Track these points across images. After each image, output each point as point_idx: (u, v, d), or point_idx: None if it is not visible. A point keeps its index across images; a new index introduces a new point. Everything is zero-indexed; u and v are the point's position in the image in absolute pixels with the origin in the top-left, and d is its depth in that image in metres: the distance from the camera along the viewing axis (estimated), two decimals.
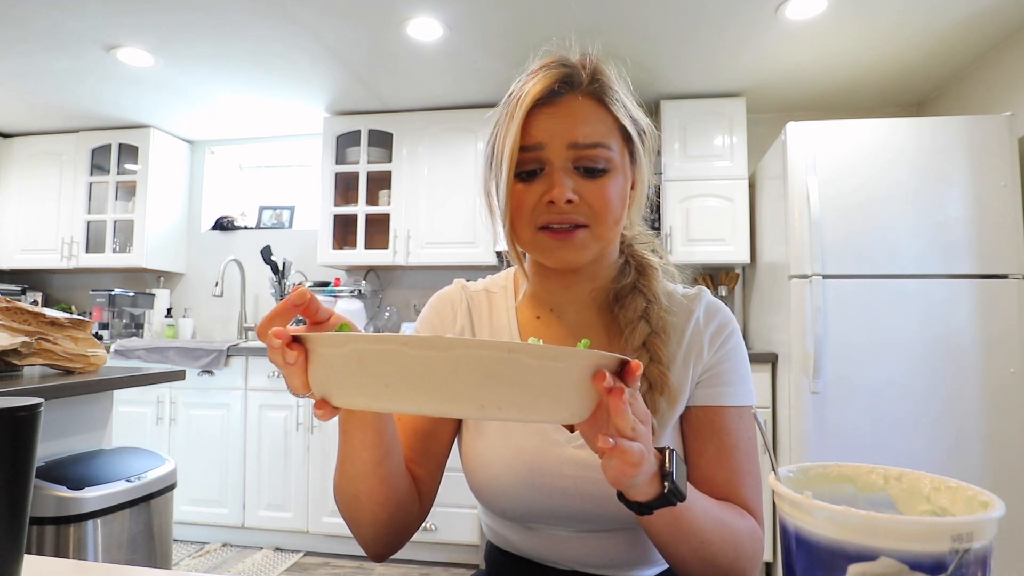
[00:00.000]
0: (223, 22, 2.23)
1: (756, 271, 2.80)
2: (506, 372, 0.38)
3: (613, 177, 0.66)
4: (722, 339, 0.72)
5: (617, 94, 0.68)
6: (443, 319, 0.79)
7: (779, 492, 0.36)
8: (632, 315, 0.71)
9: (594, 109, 0.67)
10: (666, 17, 2.17)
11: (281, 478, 2.67)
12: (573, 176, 0.66)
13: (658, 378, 0.67)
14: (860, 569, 0.30)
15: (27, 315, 1.42)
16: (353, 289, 3.08)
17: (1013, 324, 2.04)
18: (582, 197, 0.65)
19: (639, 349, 0.69)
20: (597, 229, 0.66)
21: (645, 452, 0.46)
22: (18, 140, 3.45)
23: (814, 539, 0.31)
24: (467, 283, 0.83)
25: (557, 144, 0.65)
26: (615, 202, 0.66)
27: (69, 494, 1.28)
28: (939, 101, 2.77)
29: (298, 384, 0.44)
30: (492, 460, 0.71)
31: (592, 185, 0.66)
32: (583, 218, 0.66)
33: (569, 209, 0.65)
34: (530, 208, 0.67)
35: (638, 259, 0.75)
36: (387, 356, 0.39)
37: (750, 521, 0.66)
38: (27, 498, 0.49)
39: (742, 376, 0.72)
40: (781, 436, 2.31)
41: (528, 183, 0.67)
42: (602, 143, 0.66)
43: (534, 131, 0.66)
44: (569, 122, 0.66)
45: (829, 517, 0.31)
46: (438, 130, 3.02)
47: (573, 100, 0.67)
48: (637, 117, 0.70)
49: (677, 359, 0.71)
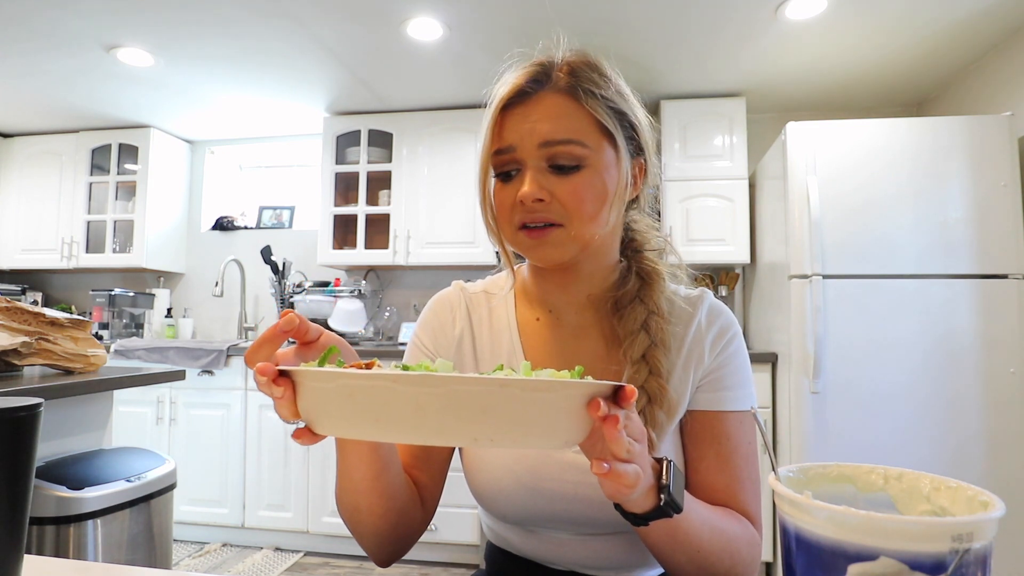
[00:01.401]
0: (223, 22, 2.23)
1: (756, 271, 2.80)
2: (499, 406, 0.38)
3: (588, 174, 0.65)
4: (723, 343, 0.71)
5: (595, 89, 0.66)
6: (442, 322, 0.78)
7: (779, 492, 0.36)
8: (632, 326, 0.69)
9: (565, 105, 0.65)
10: (666, 17, 2.17)
11: (281, 478, 2.67)
12: (546, 174, 0.65)
13: (657, 391, 0.66)
14: (860, 569, 0.30)
15: (27, 315, 1.42)
16: (353, 289, 3.08)
17: (1013, 324, 2.04)
18: (554, 195, 0.64)
19: (638, 361, 0.68)
20: (571, 227, 0.65)
21: (640, 473, 0.46)
22: (18, 140, 3.45)
23: (814, 539, 0.31)
24: (466, 284, 0.82)
25: (527, 144, 0.65)
26: (589, 199, 0.65)
27: (69, 494, 1.28)
28: (939, 101, 2.77)
29: (287, 413, 0.44)
30: (493, 465, 0.71)
31: (564, 182, 0.65)
32: (556, 216, 0.65)
33: (540, 208, 0.65)
34: (509, 208, 0.67)
35: (643, 267, 0.73)
36: (377, 392, 0.38)
37: (748, 527, 0.66)
38: (27, 498, 0.49)
39: (743, 380, 0.71)
40: (781, 436, 2.31)
41: (507, 183, 0.67)
42: (574, 139, 0.64)
43: (506, 133, 0.66)
44: (538, 121, 0.65)
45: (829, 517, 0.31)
46: (438, 130, 3.02)
47: (544, 97, 0.66)
48: (625, 111, 0.68)
49: (677, 367, 0.70)
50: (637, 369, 0.67)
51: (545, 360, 0.74)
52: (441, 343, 0.77)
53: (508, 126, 0.66)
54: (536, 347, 0.75)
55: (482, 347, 0.76)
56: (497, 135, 0.66)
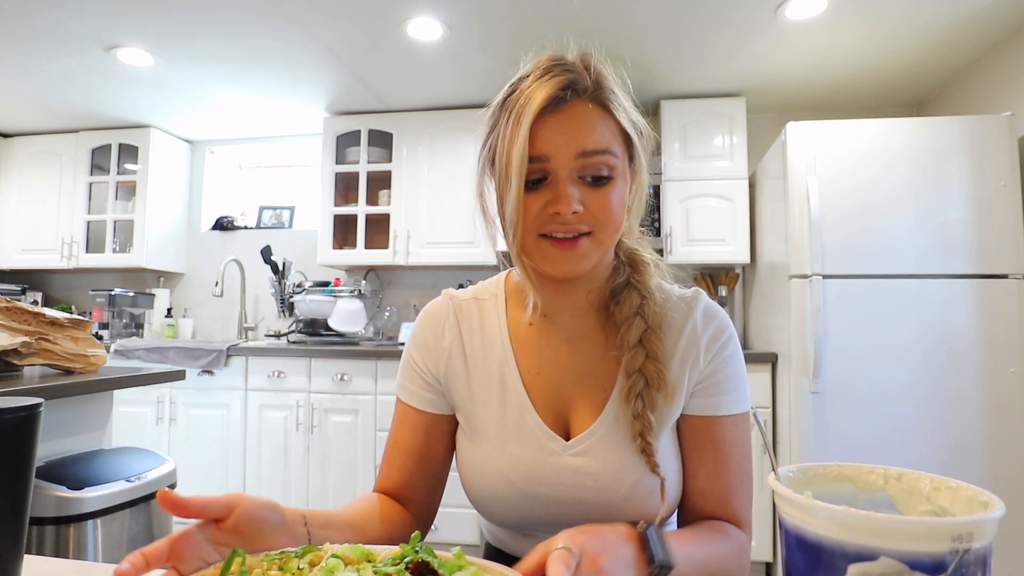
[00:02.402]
0: (223, 22, 2.23)
1: (756, 271, 2.80)
2: None
3: (616, 184, 0.65)
4: (719, 346, 0.71)
5: (618, 97, 0.67)
6: (429, 337, 0.77)
7: (779, 492, 0.36)
8: (627, 311, 0.70)
9: (599, 115, 0.65)
10: (666, 17, 2.17)
11: (281, 478, 2.67)
12: (578, 185, 0.64)
13: (655, 375, 0.67)
14: (860, 569, 0.30)
15: (27, 315, 1.42)
16: (353, 289, 3.08)
17: (1013, 324, 2.04)
18: (586, 207, 0.64)
19: (636, 346, 0.68)
20: (599, 236, 0.66)
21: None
22: (18, 140, 3.45)
23: (814, 539, 0.31)
24: (456, 293, 0.80)
25: (563, 155, 0.63)
26: (618, 209, 0.66)
27: (69, 494, 1.28)
28: (939, 101, 2.77)
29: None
30: (488, 471, 0.71)
31: (597, 194, 0.64)
32: (587, 227, 0.65)
33: (575, 220, 0.64)
34: (533, 216, 0.65)
35: (630, 255, 0.74)
36: None
37: (736, 538, 0.67)
38: (27, 498, 0.49)
39: (738, 383, 0.72)
40: (781, 436, 2.31)
41: (532, 191, 0.65)
42: (608, 150, 0.64)
43: (539, 142, 0.63)
44: (575, 131, 0.64)
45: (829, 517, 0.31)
46: (438, 130, 3.02)
47: (579, 106, 0.64)
48: (636, 119, 0.69)
49: (675, 356, 0.70)
50: (635, 354, 0.68)
51: (539, 366, 0.73)
52: (430, 360, 0.76)
53: (542, 134, 0.64)
54: (528, 353, 0.74)
55: (473, 356, 0.75)
56: (531, 142, 0.63)
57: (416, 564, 0.45)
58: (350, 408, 2.63)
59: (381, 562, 0.47)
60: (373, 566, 0.46)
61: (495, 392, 0.72)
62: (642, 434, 0.66)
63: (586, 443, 0.68)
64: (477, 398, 0.73)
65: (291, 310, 3.14)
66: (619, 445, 0.67)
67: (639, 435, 0.66)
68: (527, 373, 0.73)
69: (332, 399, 2.65)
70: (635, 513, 0.67)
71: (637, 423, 0.66)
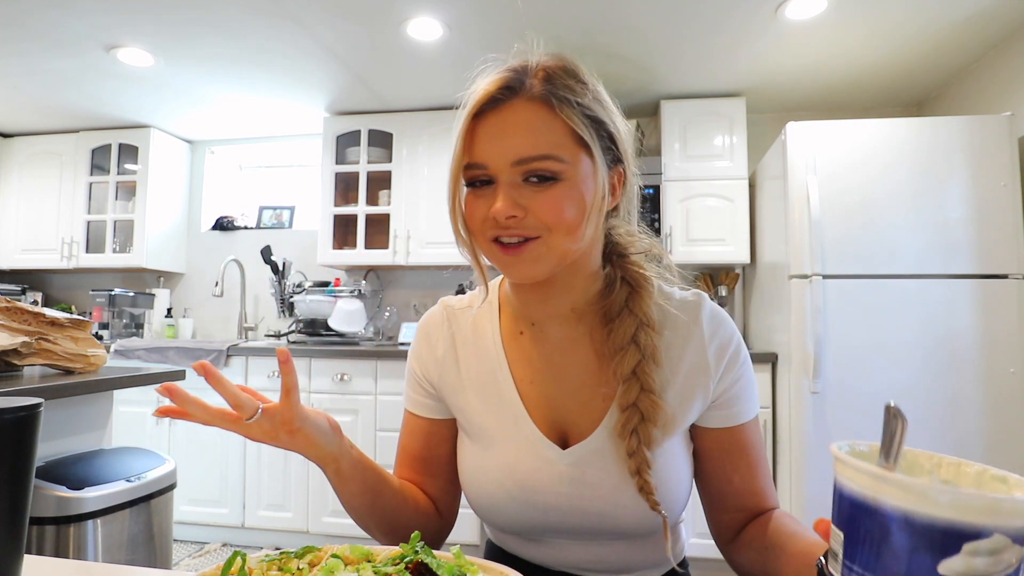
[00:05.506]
0: (223, 22, 2.23)
1: (756, 271, 2.80)
2: None
3: (564, 187, 0.61)
4: (730, 357, 0.69)
5: (571, 96, 0.62)
6: (424, 348, 0.78)
7: (889, 479, 0.35)
8: (622, 339, 0.67)
9: (539, 115, 0.61)
10: (666, 17, 2.17)
11: (281, 478, 2.67)
12: (520, 189, 0.61)
13: (650, 408, 0.65)
14: (973, 546, 0.31)
15: (27, 315, 1.42)
16: (353, 289, 3.08)
17: (1013, 324, 2.04)
18: (530, 210, 0.61)
19: (629, 378, 0.66)
20: (550, 239, 0.61)
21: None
22: (18, 140, 3.45)
23: (927, 520, 0.32)
24: (450, 301, 0.80)
25: (500, 163, 0.61)
26: (569, 211, 0.61)
27: (69, 494, 1.28)
28: (939, 101, 2.77)
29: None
30: (483, 479, 0.71)
31: (541, 196, 0.61)
32: (531, 230, 0.61)
33: (514, 224, 0.61)
34: (480, 219, 0.63)
35: (631, 274, 0.70)
36: None
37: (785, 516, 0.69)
38: (27, 498, 0.49)
39: (753, 388, 0.72)
40: (781, 436, 2.31)
41: (480, 195, 0.63)
42: (550, 155, 0.60)
43: (477, 149, 0.62)
44: (511, 136, 0.61)
45: (952, 500, 0.32)
46: (438, 130, 3.02)
47: (517, 107, 0.62)
48: (603, 119, 0.64)
49: (677, 379, 0.68)
50: (628, 386, 0.65)
51: (532, 375, 0.72)
52: (426, 369, 0.77)
53: (479, 140, 0.62)
54: (521, 361, 0.73)
55: (467, 364, 0.74)
56: (468, 148, 0.62)
57: (415, 564, 0.46)
58: (350, 408, 2.63)
59: (381, 562, 0.47)
60: (373, 566, 0.46)
61: (490, 400, 0.72)
62: (639, 472, 0.64)
63: (583, 453, 0.67)
64: (472, 406, 0.73)
65: (291, 310, 3.14)
66: (618, 457, 0.66)
67: (636, 473, 0.65)
68: (521, 381, 0.72)
69: (332, 399, 2.65)
70: (635, 521, 0.67)
71: (632, 462, 0.65)
